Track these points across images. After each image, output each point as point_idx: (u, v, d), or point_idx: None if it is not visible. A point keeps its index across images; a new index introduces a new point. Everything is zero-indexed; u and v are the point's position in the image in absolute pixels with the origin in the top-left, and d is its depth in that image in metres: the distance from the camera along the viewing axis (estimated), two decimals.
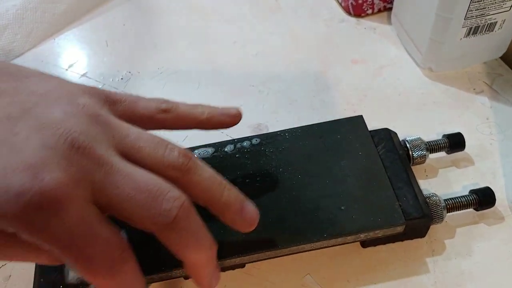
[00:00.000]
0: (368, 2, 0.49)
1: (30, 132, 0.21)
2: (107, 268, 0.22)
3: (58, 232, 0.20)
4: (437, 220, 0.33)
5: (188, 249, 0.24)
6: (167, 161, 0.24)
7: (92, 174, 0.22)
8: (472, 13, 0.39)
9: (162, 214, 0.22)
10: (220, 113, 0.30)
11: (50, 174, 0.20)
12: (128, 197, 0.22)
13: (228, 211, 0.26)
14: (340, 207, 0.31)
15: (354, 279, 0.33)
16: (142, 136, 0.25)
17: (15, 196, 0.19)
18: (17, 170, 0.20)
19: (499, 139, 0.40)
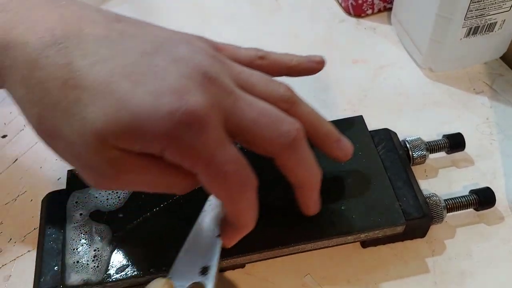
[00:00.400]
0: (368, 2, 0.49)
1: (167, 64, 0.23)
2: (240, 185, 0.24)
3: (202, 150, 0.23)
4: (437, 220, 0.33)
5: (303, 169, 0.27)
6: (277, 94, 0.27)
7: (223, 101, 0.24)
8: (472, 13, 0.39)
9: (283, 135, 0.25)
10: (307, 60, 0.32)
11: (194, 97, 0.22)
12: (254, 121, 0.25)
13: (329, 140, 0.29)
14: (340, 207, 0.31)
15: (354, 279, 0.33)
16: (253, 73, 0.28)
17: (167, 115, 0.22)
18: (165, 94, 0.22)
19: (499, 139, 0.40)
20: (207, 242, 0.28)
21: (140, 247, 0.31)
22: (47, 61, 0.23)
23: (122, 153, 0.23)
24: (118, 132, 0.22)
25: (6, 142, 0.42)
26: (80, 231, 0.31)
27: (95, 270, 0.30)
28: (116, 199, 0.33)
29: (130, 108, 0.22)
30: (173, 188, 0.26)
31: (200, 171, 0.23)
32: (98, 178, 0.24)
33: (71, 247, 0.31)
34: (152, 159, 0.24)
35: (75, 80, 0.22)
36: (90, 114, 0.22)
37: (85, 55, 0.23)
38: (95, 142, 0.22)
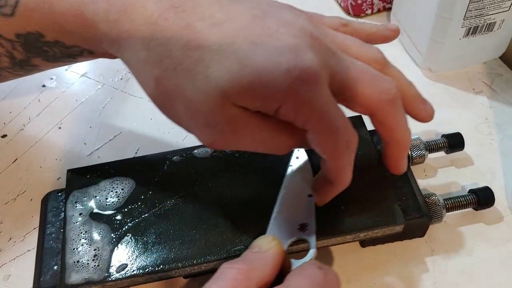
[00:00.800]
0: (367, 2, 0.49)
1: (278, 26, 0.25)
2: (348, 140, 0.26)
3: (316, 105, 0.24)
4: (436, 219, 0.33)
5: (400, 126, 0.28)
6: (371, 55, 0.29)
7: (329, 60, 0.25)
8: (471, 13, 0.39)
9: (384, 92, 0.27)
10: (384, 28, 0.33)
11: (307, 56, 0.24)
12: (358, 79, 0.26)
13: (416, 101, 0.30)
14: (340, 206, 0.31)
15: (354, 279, 0.33)
16: (347, 37, 0.29)
17: (286, 72, 0.23)
18: (282, 52, 0.24)
19: (498, 139, 0.40)
20: (299, 201, 0.31)
21: (140, 247, 0.31)
22: (167, 23, 0.24)
23: (241, 111, 0.24)
24: (242, 89, 0.23)
25: (6, 142, 0.42)
26: (80, 231, 0.31)
27: (95, 269, 0.30)
28: (115, 199, 0.33)
29: (252, 66, 0.23)
30: (279, 147, 0.27)
31: (313, 126, 0.25)
32: (216, 136, 0.25)
33: (71, 247, 0.31)
34: (265, 118, 0.25)
35: (197, 41, 0.24)
36: (214, 73, 0.23)
37: (203, 18, 0.24)
38: (219, 100, 0.23)
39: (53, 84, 0.46)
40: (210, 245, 0.30)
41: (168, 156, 0.35)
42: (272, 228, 0.29)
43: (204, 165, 0.34)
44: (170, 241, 0.31)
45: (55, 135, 0.42)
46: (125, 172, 0.34)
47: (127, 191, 0.33)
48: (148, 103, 0.44)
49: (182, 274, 0.31)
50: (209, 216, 0.32)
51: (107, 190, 0.33)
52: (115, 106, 0.44)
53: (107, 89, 0.46)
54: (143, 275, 0.30)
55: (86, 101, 0.45)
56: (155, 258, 0.30)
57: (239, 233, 0.31)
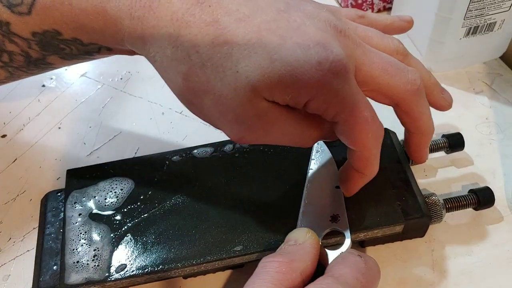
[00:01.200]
0: (367, 2, 0.49)
1: (303, 19, 0.25)
2: (376, 129, 0.26)
3: (347, 96, 0.24)
4: (436, 219, 0.33)
5: (425, 116, 0.29)
6: (392, 46, 0.29)
7: (355, 52, 0.26)
8: (471, 13, 0.39)
9: (410, 82, 0.27)
10: (399, 19, 0.34)
11: (336, 48, 0.24)
12: (384, 70, 0.27)
13: (436, 89, 0.31)
14: None
15: None
16: (368, 28, 0.29)
17: (317, 65, 0.23)
18: (311, 45, 0.24)
19: (498, 139, 0.40)
20: (327, 194, 0.31)
21: (140, 247, 0.31)
22: (194, 19, 0.24)
23: (270, 105, 0.24)
24: (272, 83, 0.23)
25: (5, 142, 0.42)
26: (80, 232, 0.31)
27: (95, 270, 0.30)
28: (114, 199, 0.33)
29: (282, 60, 0.23)
30: (306, 139, 0.27)
31: (344, 118, 0.25)
32: (246, 131, 0.25)
33: (70, 247, 0.31)
34: (293, 111, 0.25)
35: (224, 36, 0.24)
36: (243, 68, 0.23)
37: (229, 13, 0.24)
38: (249, 94, 0.24)
39: (52, 84, 0.46)
40: (210, 245, 0.30)
41: (168, 156, 0.35)
42: (302, 221, 0.30)
43: (204, 165, 0.34)
44: (170, 241, 0.31)
45: (55, 135, 0.42)
46: (125, 172, 0.34)
47: (126, 191, 0.33)
48: (148, 103, 0.44)
49: (181, 274, 0.31)
50: (208, 216, 0.32)
51: (106, 190, 0.33)
52: (115, 106, 0.44)
53: (106, 89, 0.46)
54: (142, 275, 0.30)
55: (86, 101, 0.45)
56: (155, 258, 0.30)
57: (239, 233, 0.31)
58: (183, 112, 0.43)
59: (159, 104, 0.44)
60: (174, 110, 0.43)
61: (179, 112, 0.43)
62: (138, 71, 0.47)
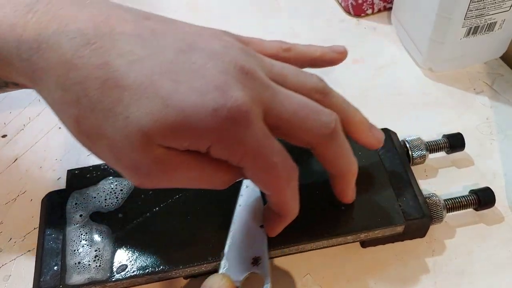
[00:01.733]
0: (368, 2, 0.49)
1: (204, 61, 0.24)
2: (286, 175, 0.25)
3: (249, 143, 0.23)
4: (437, 220, 0.33)
5: (342, 159, 0.28)
6: (310, 85, 0.27)
7: (262, 95, 0.24)
8: (472, 13, 0.39)
9: (323, 125, 0.26)
10: (330, 50, 0.32)
11: (236, 93, 0.23)
12: (294, 113, 0.25)
13: (362, 128, 0.29)
14: (340, 207, 0.31)
15: (354, 279, 0.33)
16: (284, 66, 0.28)
17: (213, 112, 0.22)
18: (208, 90, 0.22)
19: (499, 139, 0.40)
20: (251, 233, 0.29)
21: (141, 247, 0.31)
22: (83, 61, 0.23)
23: (168, 151, 0.23)
24: (165, 130, 0.22)
25: (6, 142, 0.42)
26: (80, 232, 0.31)
27: (97, 270, 0.30)
28: (114, 199, 0.33)
29: (176, 106, 0.22)
30: (216, 183, 0.26)
31: (248, 165, 0.24)
32: (144, 178, 0.24)
33: (71, 248, 0.31)
34: (196, 156, 0.24)
35: (115, 79, 0.22)
36: (134, 113, 0.22)
37: (121, 54, 0.23)
38: (141, 141, 0.22)
39: None
40: (211, 245, 0.30)
41: None
42: (225, 263, 0.29)
43: None
44: (171, 242, 0.31)
45: (55, 135, 0.42)
46: None
47: (126, 191, 0.33)
48: None
49: (182, 274, 0.31)
50: (209, 216, 0.32)
51: (107, 190, 0.33)
52: None
53: None
54: (143, 276, 0.30)
55: None
56: (156, 258, 0.30)
57: None
58: None
59: None
60: None
61: None
62: None
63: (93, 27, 0.23)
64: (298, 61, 0.31)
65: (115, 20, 0.24)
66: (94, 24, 0.23)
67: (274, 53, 0.30)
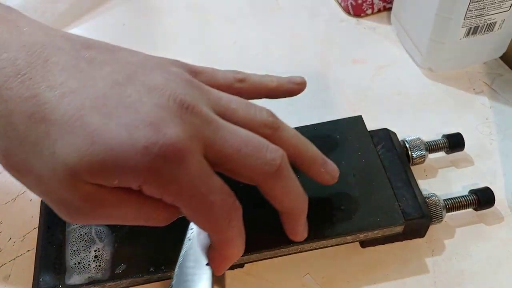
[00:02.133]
0: (367, 2, 0.49)
1: (141, 94, 0.23)
2: (226, 214, 0.24)
3: (184, 182, 0.22)
4: (437, 220, 0.33)
5: (289, 197, 0.26)
6: (259, 119, 0.26)
7: (202, 131, 0.23)
8: (471, 13, 0.39)
9: (268, 163, 0.24)
10: (288, 81, 0.31)
11: (171, 129, 0.22)
12: (237, 150, 0.24)
13: (314, 164, 0.28)
14: (340, 207, 0.31)
15: (354, 279, 0.33)
16: (233, 98, 0.27)
17: (143, 149, 0.21)
18: (140, 127, 0.21)
19: (498, 139, 0.40)
20: (197, 271, 0.28)
21: (140, 247, 0.31)
22: (11, 93, 0.22)
23: (98, 188, 0.22)
24: (92, 168, 0.21)
25: None
26: (80, 232, 0.31)
27: (97, 270, 0.30)
28: None
29: (103, 143, 0.21)
30: (153, 220, 0.25)
31: (183, 204, 0.23)
32: (74, 215, 0.23)
33: (71, 248, 0.31)
34: (130, 193, 0.23)
35: (42, 113, 0.21)
36: (60, 149, 0.21)
37: (52, 87, 0.22)
38: (68, 178, 0.21)
39: None
40: None
41: None
42: None
43: None
44: (170, 242, 0.31)
45: None
46: None
47: None
48: None
49: None
50: None
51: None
52: None
53: None
54: (143, 276, 0.30)
55: None
56: (156, 258, 0.30)
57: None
58: None
59: None
60: None
61: None
62: None
63: (25, 57, 0.22)
64: (252, 92, 0.30)
65: (50, 49, 0.23)
66: (27, 54, 0.22)
67: (227, 84, 0.29)
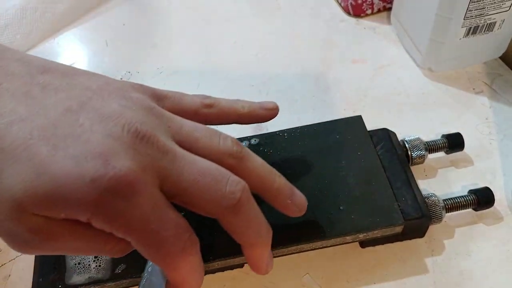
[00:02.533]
0: (367, 2, 0.49)
1: (93, 123, 0.22)
2: (180, 250, 0.23)
3: (134, 217, 0.21)
4: (436, 220, 0.33)
5: (250, 232, 0.25)
6: (223, 149, 0.25)
7: (158, 162, 0.22)
8: (471, 13, 0.39)
9: (226, 196, 0.23)
10: (259, 107, 0.31)
11: (121, 162, 0.21)
12: (194, 182, 0.23)
13: (281, 196, 0.27)
14: (339, 207, 0.31)
15: (354, 279, 0.33)
16: (197, 127, 0.26)
17: (91, 182, 0.20)
18: (88, 158, 0.21)
19: (498, 139, 0.40)
20: None
21: None
22: None
23: (46, 220, 0.21)
24: (37, 200, 0.20)
25: None
26: None
27: (97, 270, 0.30)
28: None
29: (49, 174, 0.20)
30: (107, 253, 0.24)
31: (133, 240, 0.22)
32: (22, 246, 0.22)
33: None
34: (79, 225, 0.22)
35: None
36: (7, 179, 0.20)
37: (1, 114, 0.21)
38: (14, 210, 0.20)
39: None
40: (211, 245, 0.30)
41: None
42: None
43: None
44: None
45: None
46: None
47: None
48: None
49: None
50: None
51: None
52: None
53: None
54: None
55: None
56: None
57: None
58: None
59: None
60: None
61: None
62: (139, 71, 0.47)
63: None
64: (221, 118, 0.30)
65: (3, 74, 0.22)
66: None
67: (193, 109, 0.28)
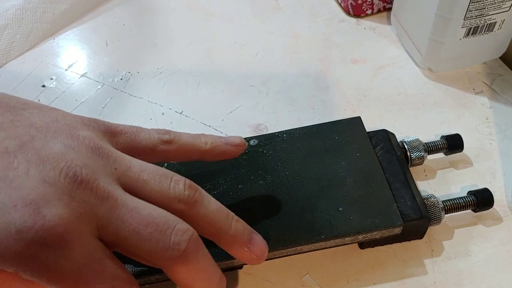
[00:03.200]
0: (367, 2, 0.49)
1: (29, 166, 0.20)
2: None
3: (64, 270, 0.20)
4: (435, 221, 0.33)
5: (199, 284, 0.24)
6: (173, 194, 0.24)
7: (96, 209, 0.21)
8: (471, 13, 0.39)
9: (170, 247, 0.22)
10: (224, 142, 0.29)
11: (52, 210, 0.19)
12: (135, 232, 0.21)
13: (237, 244, 0.26)
14: (338, 208, 0.31)
15: (354, 279, 0.33)
16: (146, 168, 0.24)
17: (16, 234, 0.19)
18: (17, 207, 0.19)
19: (498, 139, 0.40)
20: None
21: None
22: None
23: None
24: None
25: None
26: None
27: None
28: None
29: None
30: None
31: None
32: None
33: None
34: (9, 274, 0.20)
35: None
36: None
37: None
38: None
39: (53, 84, 0.46)
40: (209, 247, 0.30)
41: None
42: None
43: (205, 166, 0.34)
44: None
45: None
46: None
47: None
48: (148, 103, 0.44)
49: None
50: None
51: None
52: (115, 106, 0.44)
53: (107, 89, 0.46)
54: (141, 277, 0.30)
55: (86, 101, 0.45)
56: None
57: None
58: (183, 112, 0.43)
59: (159, 104, 0.44)
60: (174, 110, 0.43)
61: (179, 112, 0.43)
62: (138, 72, 0.47)
63: None
64: (181, 155, 0.28)
65: None
66: None
67: (150, 146, 0.26)
